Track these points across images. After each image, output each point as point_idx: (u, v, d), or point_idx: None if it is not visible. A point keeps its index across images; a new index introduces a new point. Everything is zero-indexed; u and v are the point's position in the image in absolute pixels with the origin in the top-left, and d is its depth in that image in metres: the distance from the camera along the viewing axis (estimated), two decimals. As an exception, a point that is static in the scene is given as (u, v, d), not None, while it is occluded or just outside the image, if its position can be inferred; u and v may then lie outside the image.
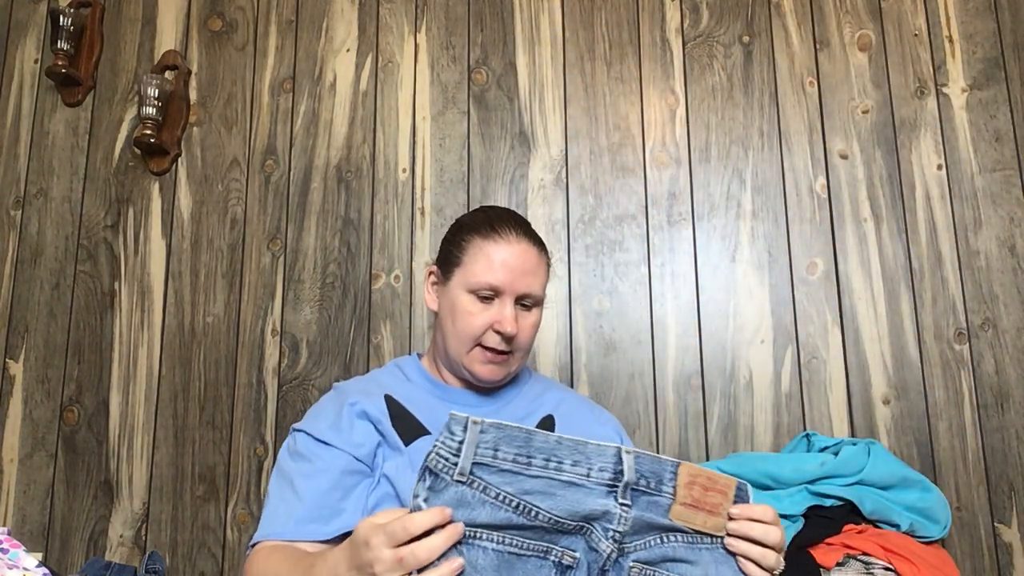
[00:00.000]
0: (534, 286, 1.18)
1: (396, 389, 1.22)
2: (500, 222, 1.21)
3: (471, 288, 1.17)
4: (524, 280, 1.17)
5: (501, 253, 1.17)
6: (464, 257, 1.20)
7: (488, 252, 1.17)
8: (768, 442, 1.72)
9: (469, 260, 1.19)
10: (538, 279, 1.19)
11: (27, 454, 1.93)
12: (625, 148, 1.91)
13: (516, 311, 1.18)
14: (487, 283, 1.16)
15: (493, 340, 1.17)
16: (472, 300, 1.18)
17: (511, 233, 1.19)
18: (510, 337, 1.16)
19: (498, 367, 1.19)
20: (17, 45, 2.16)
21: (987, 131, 1.81)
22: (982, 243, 1.76)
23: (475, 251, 1.18)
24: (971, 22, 1.86)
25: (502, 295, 1.17)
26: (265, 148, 2.01)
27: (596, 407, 1.35)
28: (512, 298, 1.17)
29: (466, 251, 1.20)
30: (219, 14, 2.11)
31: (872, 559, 1.38)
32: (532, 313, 1.20)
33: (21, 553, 1.23)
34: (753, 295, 1.80)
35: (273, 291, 1.93)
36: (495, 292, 1.17)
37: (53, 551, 1.86)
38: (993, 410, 1.69)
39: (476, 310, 1.17)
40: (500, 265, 1.16)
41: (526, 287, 1.17)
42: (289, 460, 1.15)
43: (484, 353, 1.18)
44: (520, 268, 1.17)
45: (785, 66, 1.90)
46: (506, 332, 1.16)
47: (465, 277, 1.18)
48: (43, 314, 1.99)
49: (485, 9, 2.02)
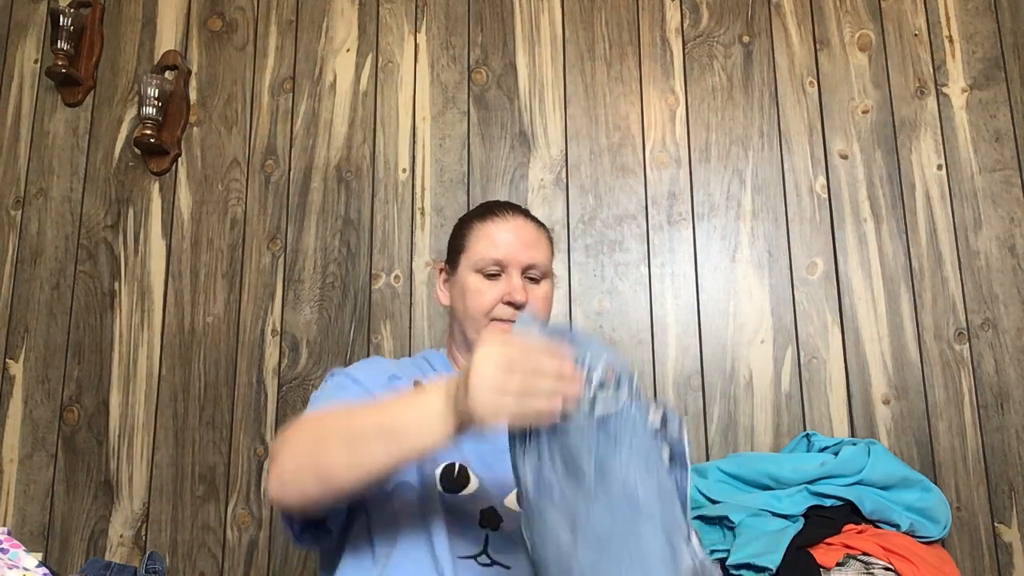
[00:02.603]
0: (537, 257, 1.22)
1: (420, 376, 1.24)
2: (497, 206, 1.27)
3: (477, 267, 1.21)
4: (527, 252, 1.21)
5: (500, 230, 1.22)
6: (466, 242, 1.24)
7: (488, 231, 1.22)
8: (768, 442, 1.72)
9: (471, 243, 1.23)
10: (540, 251, 1.23)
11: (27, 454, 1.93)
12: (625, 148, 1.91)
13: (524, 283, 1.20)
14: (491, 258, 1.20)
15: (505, 312, 1.19)
16: (479, 279, 1.21)
17: (507, 211, 1.25)
18: (521, 304, 1.18)
19: None
20: (17, 45, 2.16)
21: (987, 131, 1.81)
22: (982, 243, 1.76)
23: (476, 233, 1.23)
24: (971, 22, 1.86)
25: (507, 268, 1.20)
26: (265, 148, 2.01)
27: None
28: (518, 270, 1.20)
29: (468, 236, 1.25)
30: (219, 14, 2.11)
31: (872, 559, 1.38)
32: (541, 285, 1.23)
33: (21, 553, 1.23)
34: (753, 295, 1.80)
35: (273, 291, 1.93)
36: (500, 266, 1.20)
37: (53, 551, 1.86)
38: (993, 410, 1.69)
39: (485, 287, 1.20)
40: (501, 240, 1.21)
41: (529, 258, 1.21)
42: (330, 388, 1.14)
43: (499, 326, 1.19)
44: (521, 241, 1.21)
45: (785, 66, 1.90)
46: (516, 300, 1.18)
47: (470, 259, 1.22)
48: (43, 314, 1.99)
49: (485, 9, 2.02)
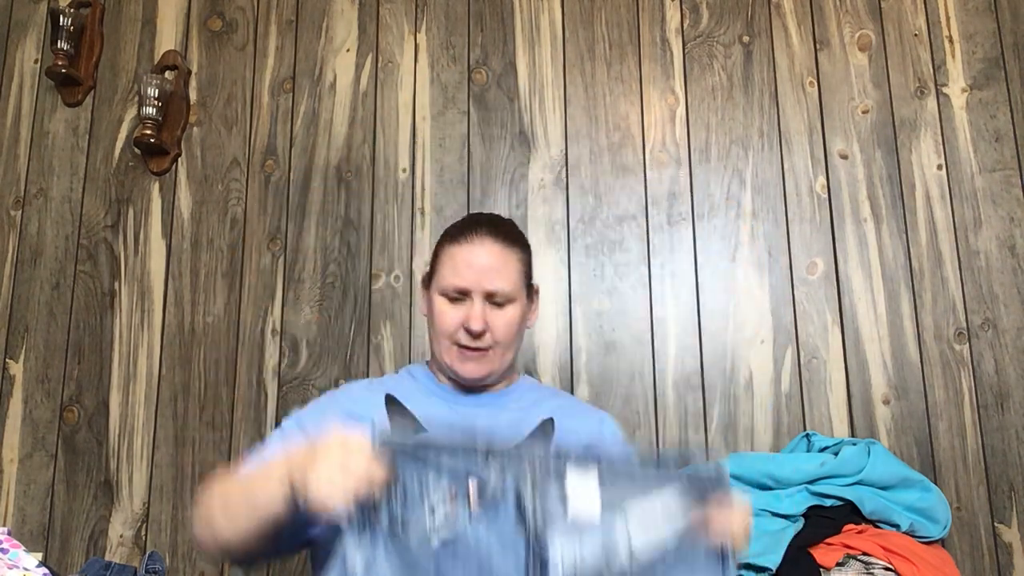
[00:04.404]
0: (499, 283, 1.22)
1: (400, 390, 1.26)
2: (471, 226, 1.27)
3: (442, 291, 1.25)
4: (488, 277, 1.22)
5: (464, 255, 1.23)
6: (437, 264, 1.28)
7: (453, 255, 1.24)
8: (768, 442, 1.72)
9: (440, 265, 1.26)
10: (504, 276, 1.23)
11: (27, 454, 1.93)
12: (625, 148, 1.91)
13: (487, 308, 1.22)
14: (453, 284, 1.23)
15: (464, 337, 1.23)
16: (444, 302, 1.24)
17: (475, 234, 1.24)
18: (478, 333, 1.21)
19: (476, 363, 1.24)
20: (17, 45, 2.16)
21: (987, 131, 1.81)
22: (982, 243, 1.76)
23: (444, 257, 1.26)
24: (971, 22, 1.86)
25: (470, 294, 1.23)
26: (265, 148, 2.01)
27: (594, 409, 1.41)
28: (480, 296, 1.22)
29: (439, 257, 1.28)
30: (219, 14, 2.11)
31: (872, 559, 1.38)
32: (505, 310, 1.24)
33: (21, 553, 1.23)
34: (753, 295, 1.80)
35: (273, 291, 1.93)
36: (462, 293, 1.23)
37: (53, 551, 1.86)
38: (993, 410, 1.69)
39: (448, 310, 1.24)
40: (464, 266, 1.22)
41: (490, 284, 1.22)
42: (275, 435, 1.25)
43: (460, 351, 1.24)
44: (484, 267, 1.22)
45: (785, 66, 1.90)
46: (471, 329, 1.21)
47: (438, 282, 1.26)
48: (43, 314, 1.99)
49: (485, 9, 2.02)
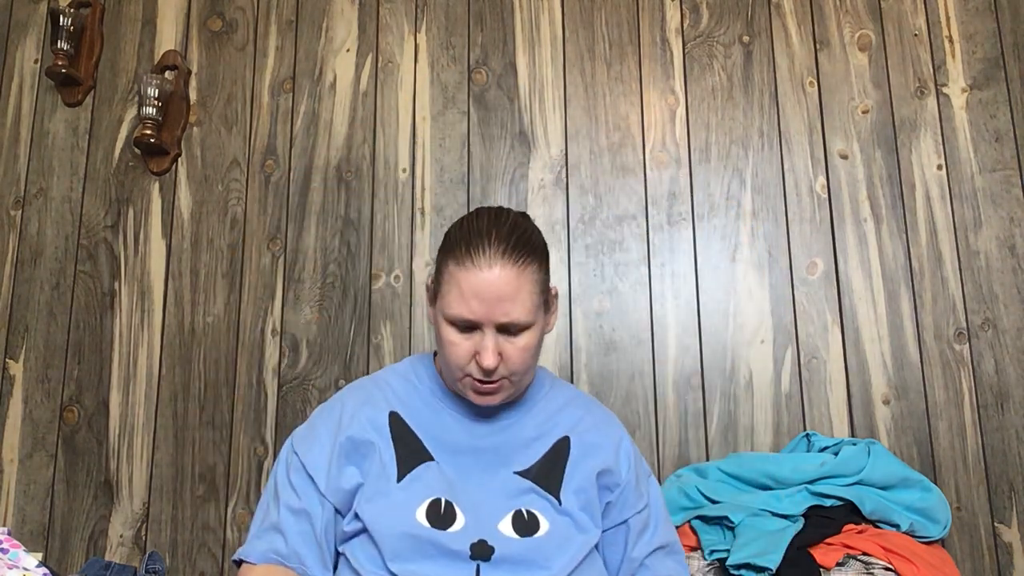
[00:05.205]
0: (513, 313, 1.09)
1: (403, 398, 1.22)
2: (476, 242, 1.11)
3: (449, 319, 1.12)
4: (500, 308, 1.08)
5: (472, 282, 1.08)
6: (441, 284, 1.14)
7: (459, 281, 1.09)
8: (768, 442, 1.72)
9: (445, 290, 1.12)
10: (519, 304, 1.09)
11: (27, 454, 1.93)
12: (625, 148, 1.91)
13: (500, 340, 1.10)
14: (460, 316, 1.10)
15: (476, 371, 1.12)
16: (453, 330, 1.12)
17: (483, 257, 1.09)
18: (491, 370, 1.10)
19: (491, 396, 1.15)
20: (17, 45, 2.16)
21: (987, 131, 1.81)
22: (982, 243, 1.76)
23: (449, 279, 1.11)
24: (971, 22, 1.86)
25: (481, 327, 1.10)
26: (265, 148, 2.01)
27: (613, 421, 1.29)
28: (492, 328, 1.10)
29: (443, 278, 1.13)
30: (219, 14, 2.11)
31: (872, 559, 1.38)
32: (520, 338, 1.11)
33: (21, 553, 1.23)
34: (753, 295, 1.80)
35: (273, 291, 1.93)
36: (472, 326, 1.11)
37: (53, 551, 1.86)
38: (993, 410, 1.69)
39: (458, 340, 1.11)
40: (472, 296, 1.08)
41: (504, 316, 1.09)
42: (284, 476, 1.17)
43: (473, 383, 1.13)
44: (495, 297, 1.08)
45: (785, 66, 1.90)
46: (485, 366, 1.09)
47: (443, 306, 1.12)
48: (43, 314, 1.99)
49: (485, 9, 2.02)
